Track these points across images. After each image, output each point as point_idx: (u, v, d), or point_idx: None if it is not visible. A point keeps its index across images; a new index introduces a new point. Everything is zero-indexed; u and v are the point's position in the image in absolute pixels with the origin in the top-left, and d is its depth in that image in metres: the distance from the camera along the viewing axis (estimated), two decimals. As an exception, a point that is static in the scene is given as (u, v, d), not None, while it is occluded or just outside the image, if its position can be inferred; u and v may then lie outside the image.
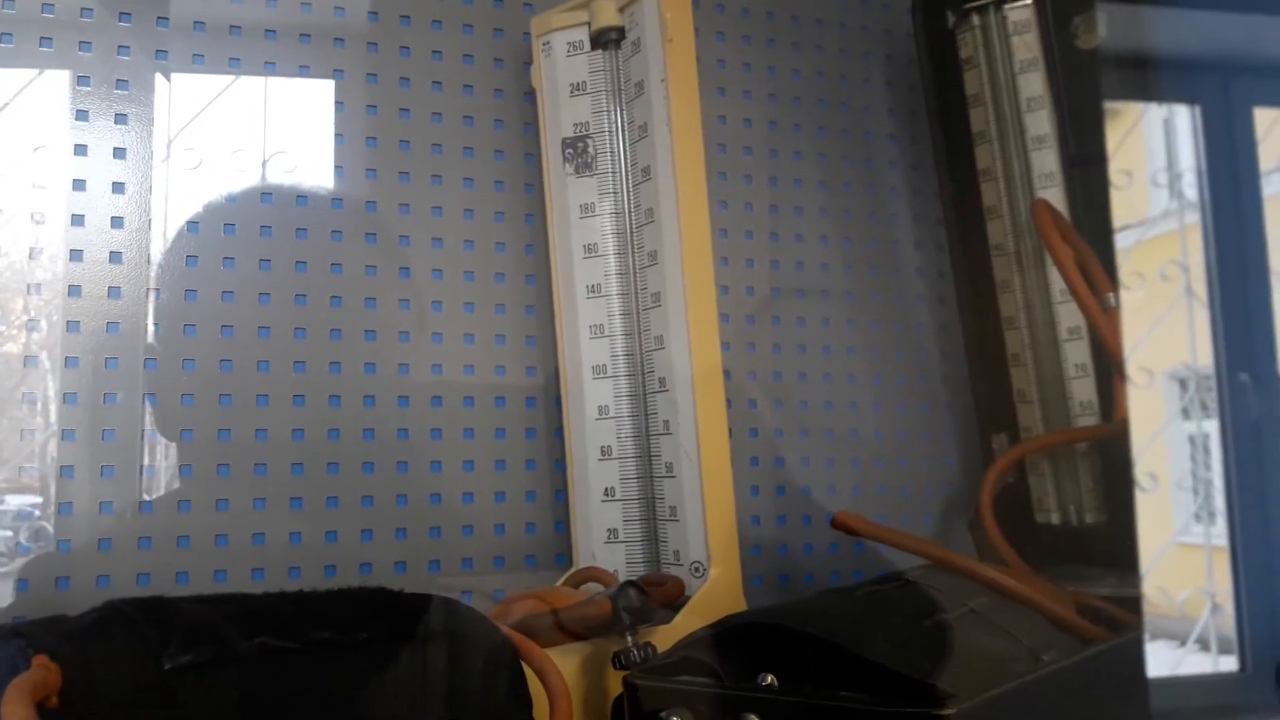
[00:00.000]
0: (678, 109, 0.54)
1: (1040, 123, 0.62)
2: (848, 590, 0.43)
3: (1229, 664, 0.83)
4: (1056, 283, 0.61)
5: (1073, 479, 0.61)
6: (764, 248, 0.66)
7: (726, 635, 0.38)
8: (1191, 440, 0.94)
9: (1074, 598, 0.52)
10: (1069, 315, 0.61)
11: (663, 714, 0.34)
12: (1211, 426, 0.84)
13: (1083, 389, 0.61)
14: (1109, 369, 0.60)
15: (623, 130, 0.57)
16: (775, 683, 0.35)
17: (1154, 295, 0.90)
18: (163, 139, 0.54)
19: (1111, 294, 0.59)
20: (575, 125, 0.58)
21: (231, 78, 0.56)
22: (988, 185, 0.64)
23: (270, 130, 0.57)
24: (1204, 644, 0.92)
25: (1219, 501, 0.85)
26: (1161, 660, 0.88)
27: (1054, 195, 0.62)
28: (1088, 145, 0.62)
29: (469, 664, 0.38)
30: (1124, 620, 0.50)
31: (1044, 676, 0.37)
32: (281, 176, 0.56)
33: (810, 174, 0.68)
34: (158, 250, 0.54)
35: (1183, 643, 0.93)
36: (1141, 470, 0.85)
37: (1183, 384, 0.95)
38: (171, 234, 0.54)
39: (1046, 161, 0.62)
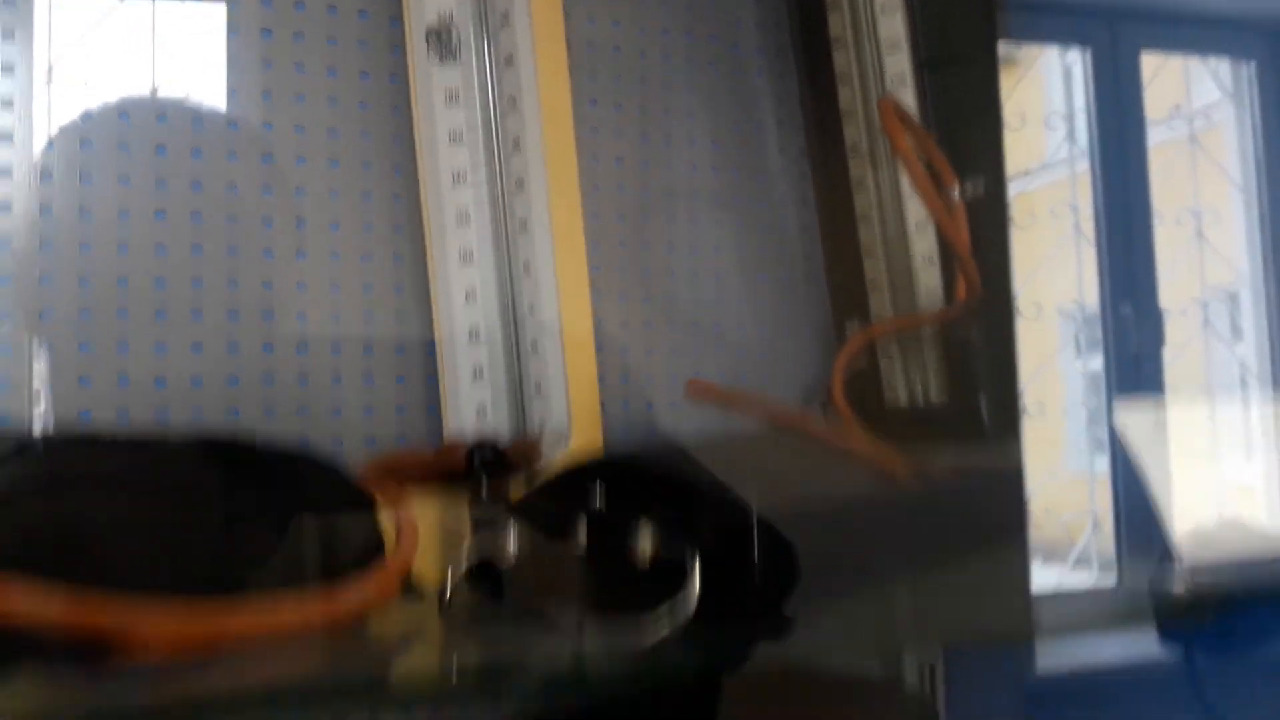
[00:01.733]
0: (538, -3, 0.56)
1: (893, 26, 0.66)
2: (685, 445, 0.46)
3: (1109, 581, 0.90)
4: (906, 179, 0.65)
5: (919, 362, 0.65)
6: (633, 147, 0.68)
7: (571, 473, 0.41)
8: (1081, 375, 1.00)
9: (912, 465, 0.56)
10: (917, 210, 0.65)
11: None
12: (1098, 361, 0.90)
13: (929, 277, 0.65)
14: (954, 258, 0.64)
15: (485, 18, 0.58)
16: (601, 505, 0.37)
17: (1045, 233, 0.95)
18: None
19: (956, 187, 0.63)
20: (439, 15, 0.59)
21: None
22: (844, 89, 0.67)
23: (127, 14, 0.56)
24: (1086, 562, 0.99)
25: (1103, 430, 0.91)
26: (1045, 578, 0.95)
27: (905, 97, 0.65)
28: (938, 49, 0.65)
29: (320, 502, 0.39)
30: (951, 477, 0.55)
31: (845, 501, 0.40)
32: (139, 62, 0.56)
33: (678, 77, 0.70)
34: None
35: (1065, 562, 0.99)
36: (1031, 399, 0.91)
37: (1072, 319, 1.00)
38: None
39: (899, 64, 0.66)
